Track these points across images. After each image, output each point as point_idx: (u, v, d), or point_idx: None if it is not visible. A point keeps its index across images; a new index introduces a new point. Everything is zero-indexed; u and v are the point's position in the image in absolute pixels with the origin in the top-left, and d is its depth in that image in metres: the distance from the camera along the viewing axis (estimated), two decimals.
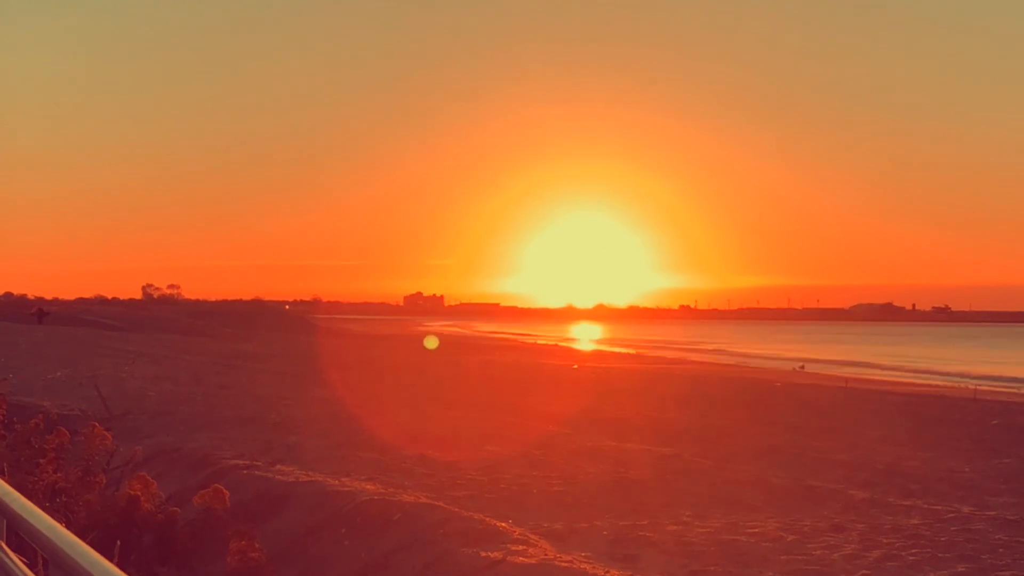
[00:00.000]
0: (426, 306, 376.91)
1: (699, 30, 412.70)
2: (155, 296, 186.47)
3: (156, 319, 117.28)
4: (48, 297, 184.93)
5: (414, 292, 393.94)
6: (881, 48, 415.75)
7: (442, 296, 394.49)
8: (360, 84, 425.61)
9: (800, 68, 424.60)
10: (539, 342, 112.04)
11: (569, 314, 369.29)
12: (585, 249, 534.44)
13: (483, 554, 9.83)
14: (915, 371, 71.56)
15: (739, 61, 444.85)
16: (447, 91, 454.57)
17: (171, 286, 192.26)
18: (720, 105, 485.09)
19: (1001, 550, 11.06)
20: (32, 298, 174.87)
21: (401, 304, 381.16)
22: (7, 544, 4.84)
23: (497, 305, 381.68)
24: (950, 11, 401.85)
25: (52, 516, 4.51)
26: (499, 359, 62.85)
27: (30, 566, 4.74)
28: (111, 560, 3.39)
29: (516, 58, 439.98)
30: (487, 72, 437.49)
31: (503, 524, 11.17)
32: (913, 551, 10.92)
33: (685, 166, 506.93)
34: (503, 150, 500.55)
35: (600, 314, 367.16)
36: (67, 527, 5.01)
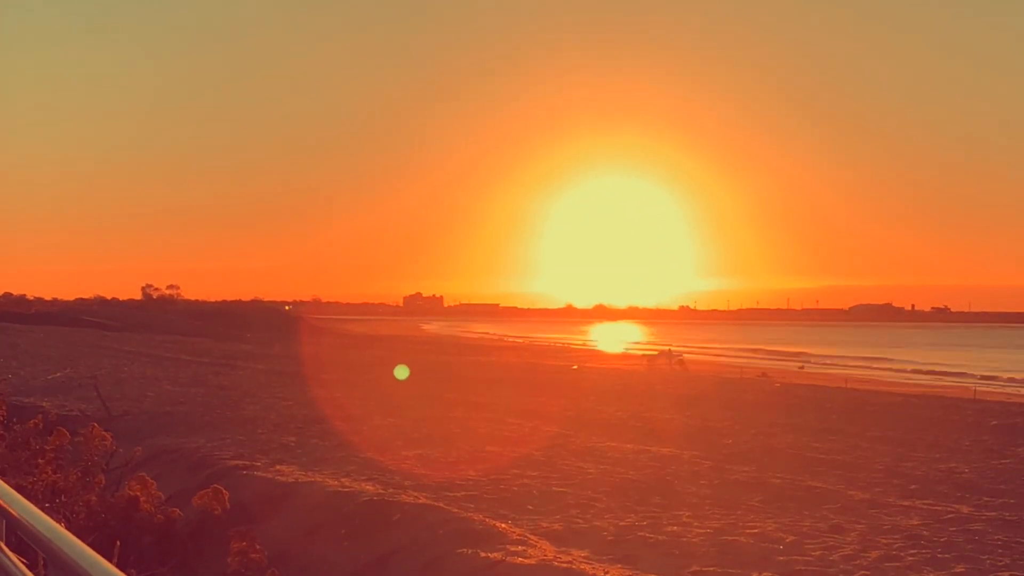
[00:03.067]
0: (425, 307, 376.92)
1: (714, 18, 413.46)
2: (155, 297, 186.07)
3: (155, 319, 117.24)
4: (48, 297, 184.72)
5: (413, 293, 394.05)
6: (885, 50, 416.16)
7: (441, 296, 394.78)
8: (362, 81, 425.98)
9: (803, 68, 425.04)
10: (538, 343, 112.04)
11: (569, 314, 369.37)
12: (590, 249, 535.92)
13: (482, 555, 9.83)
14: (914, 372, 71.60)
15: (748, 54, 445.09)
16: (451, 93, 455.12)
17: (171, 287, 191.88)
18: (719, 101, 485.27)
19: (1001, 551, 11.06)
20: (31, 298, 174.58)
21: (400, 305, 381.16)
22: (7, 545, 4.84)
23: (497, 306, 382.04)
24: (948, 14, 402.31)
25: (52, 517, 4.51)
26: (499, 360, 62.84)
27: (30, 567, 4.74)
28: (111, 561, 3.40)
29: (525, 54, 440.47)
30: (492, 69, 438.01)
31: (502, 525, 11.18)
32: (912, 552, 10.92)
33: (688, 167, 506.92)
34: (507, 151, 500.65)
35: (600, 314, 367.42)
36: (67, 528, 5.01)
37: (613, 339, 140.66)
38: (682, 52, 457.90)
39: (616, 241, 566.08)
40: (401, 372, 21.95)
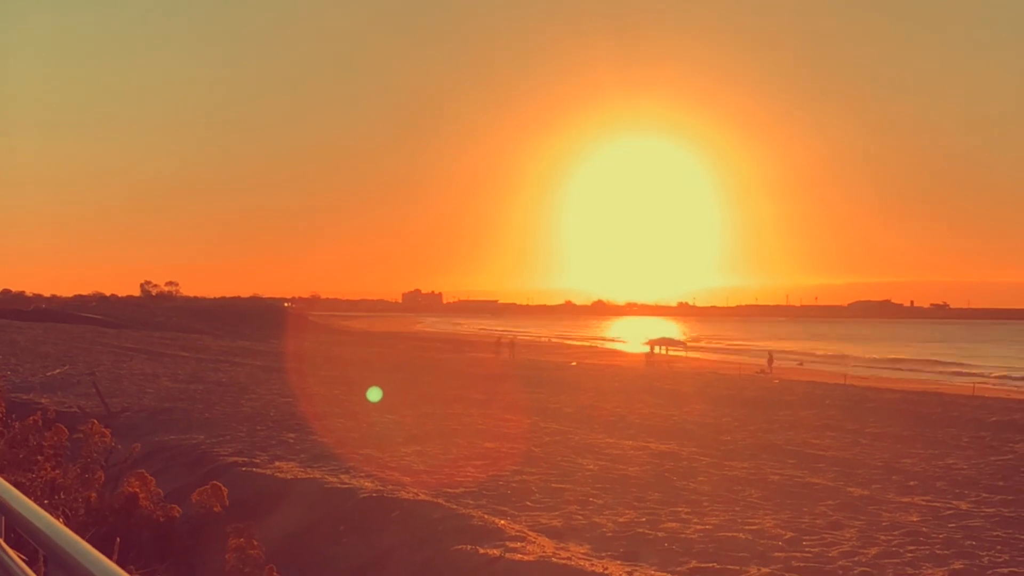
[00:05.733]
0: (424, 303, 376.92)
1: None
2: (153, 293, 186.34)
3: (154, 316, 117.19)
4: (46, 294, 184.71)
5: (412, 289, 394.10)
6: (887, 45, 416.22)
7: (440, 293, 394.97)
8: (367, 83, 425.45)
9: (806, 65, 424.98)
10: (537, 339, 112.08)
11: (567, 310, 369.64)
12: (594, 245, 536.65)
13: (481, 551, 9.82)
14: (914, 368, 71.62)
15: (749, 52, 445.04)
16: (464, 86, 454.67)
17: (169, 283, 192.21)
18: (712, 96, 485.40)
19: (999, 547, 11.07)
20: (30, 295, 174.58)
21: (399, 301, 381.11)
22: (6, 541, 4.84)
23: (496, 302, 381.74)
24: (946, 17, 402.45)
25: (51, 513, 4.51)
26: (497, 356, 62.81)
27: (29, 563, 4.74)
28: (111, 557, 3.39)
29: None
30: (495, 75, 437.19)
31: (501, 521, 11.17)
32: (911, 548, 10.92)
33: (690, 170, 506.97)
34: (512, 150, 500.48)
35: (599, 310, 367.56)
36: (66, 524, 5.01)
37: (612, 335, 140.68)
38: (697, 50, 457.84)
39: (622, 238, 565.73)
40: (374, 394, 21.80)
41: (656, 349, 67.09)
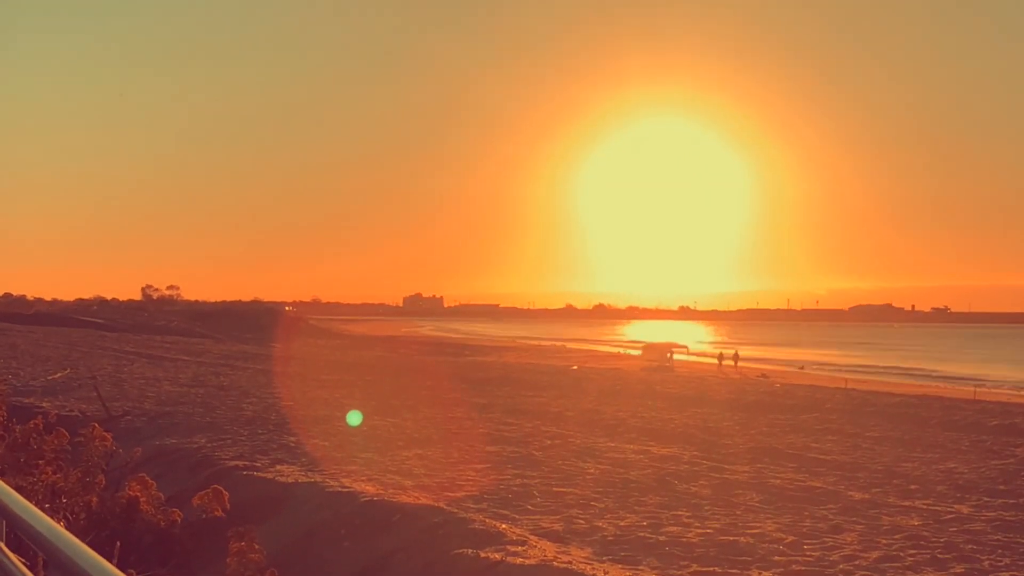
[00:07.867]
0: (425, 307, 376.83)
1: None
2: (154, 297, 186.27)
3: (155, 320, 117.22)
4: (48, 298, 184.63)
5: (413, 293, 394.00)
6: (890, 51, 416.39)
7: (441, 297, 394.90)
8: (371, 81, 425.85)
9: (809, 67, 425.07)
10: (538, 343, 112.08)
11: (569, 314, 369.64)
12: (593, 249, 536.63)
13: (483, 555, 9.82)
14: (914, 372, 71.57)
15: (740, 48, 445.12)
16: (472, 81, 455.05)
17: (170, 287, 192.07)
18: (709, 97, 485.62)
19: (1000, 551, 11.06)
20: (32, 299, 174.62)
21: (400, 305, 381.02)
22: (7, 545, 4.84)
23: (497, 306, 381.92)
24: (946, 21, 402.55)
25: (52, 517, 4.51)
26: (499, 360, 62.86)
27: (30, 567, 4.74)
28: (111, 561, 3.40)
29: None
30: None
31: (503, 525, 11.17)
32: (912, 552, 10.92)
33: (684, 166, 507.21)
34: (517, 150, 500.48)
35: (600, 314, 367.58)
36: (67, 528, 5.02)
37: (612, 339, 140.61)
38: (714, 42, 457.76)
39: (623, 242, 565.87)
40: (354, 418, 21.85)
41: (722, 360, 67.77)
